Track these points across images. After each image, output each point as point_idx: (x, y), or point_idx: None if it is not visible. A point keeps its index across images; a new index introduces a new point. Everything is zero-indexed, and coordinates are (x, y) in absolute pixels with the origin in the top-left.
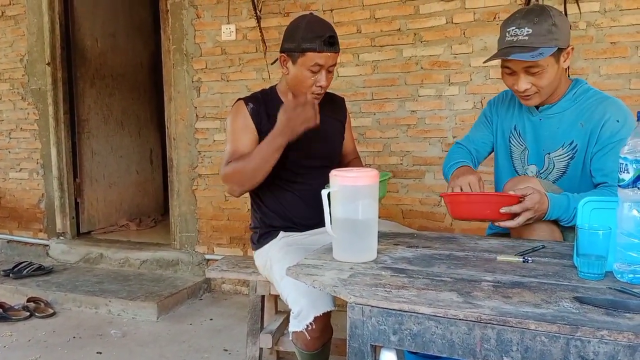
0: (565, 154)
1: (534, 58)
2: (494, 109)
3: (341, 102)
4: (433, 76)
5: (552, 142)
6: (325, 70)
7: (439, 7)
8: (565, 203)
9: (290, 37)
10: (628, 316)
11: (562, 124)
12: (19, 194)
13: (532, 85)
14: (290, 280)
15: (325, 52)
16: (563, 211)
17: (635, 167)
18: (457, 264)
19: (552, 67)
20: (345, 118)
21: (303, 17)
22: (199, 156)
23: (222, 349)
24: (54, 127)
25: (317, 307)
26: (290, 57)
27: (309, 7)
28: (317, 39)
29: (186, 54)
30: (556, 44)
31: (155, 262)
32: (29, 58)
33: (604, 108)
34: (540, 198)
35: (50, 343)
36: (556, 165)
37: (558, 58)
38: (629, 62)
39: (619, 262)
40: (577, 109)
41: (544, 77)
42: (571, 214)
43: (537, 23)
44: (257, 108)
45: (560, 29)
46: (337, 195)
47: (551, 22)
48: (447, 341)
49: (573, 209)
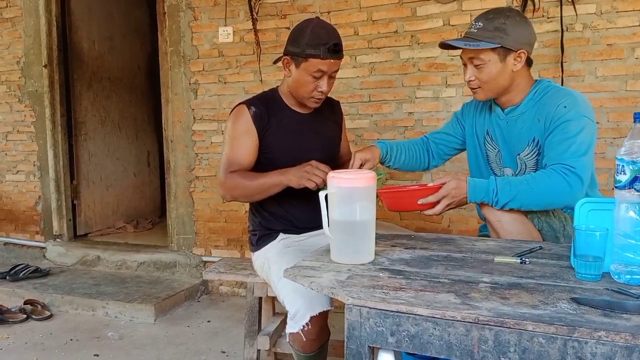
0: (531, 152)
1: (468, 46)
2: (467, 112)
3: (337, 105)
4: (430, 78)
5: (519, 143)
6: (328, 76)
7: (436, 9)
8: (485, 186)
9: (295, 41)
10: (625, 317)
11: (525, 123)
12: (15, 196)
13: (476, 78)
14: (287, 282)
15: (329, 59)
16: (484, 194)
17: (632, 169)
18: (454, 265)
19: (494, 64)
20: (341, 120)
21: (309, 21)
22: (196, 158)
23: (219, 351)
24: (51, 129)
25: (314, 307)
26: (294, 60)
27: (305, 9)
28: (322, 46)
29: (183, 56)
30: (500, 42)
31: (152, 264)
32: (26, 60)
33: (557, 98)
34: (457, 184)
35: (47, 346)
36: (527, 164)
37: (504, 57)
38: (625, 64)
39: (616, 263)
40: (535, 106)
41: (484, 71)
42: (494, 196)
43: (490, 20)
44: (259, 112)
45: (510, 30)
46: (334, 197)
47: (502, 21)
48: (445, 342)
49: (494, 191)
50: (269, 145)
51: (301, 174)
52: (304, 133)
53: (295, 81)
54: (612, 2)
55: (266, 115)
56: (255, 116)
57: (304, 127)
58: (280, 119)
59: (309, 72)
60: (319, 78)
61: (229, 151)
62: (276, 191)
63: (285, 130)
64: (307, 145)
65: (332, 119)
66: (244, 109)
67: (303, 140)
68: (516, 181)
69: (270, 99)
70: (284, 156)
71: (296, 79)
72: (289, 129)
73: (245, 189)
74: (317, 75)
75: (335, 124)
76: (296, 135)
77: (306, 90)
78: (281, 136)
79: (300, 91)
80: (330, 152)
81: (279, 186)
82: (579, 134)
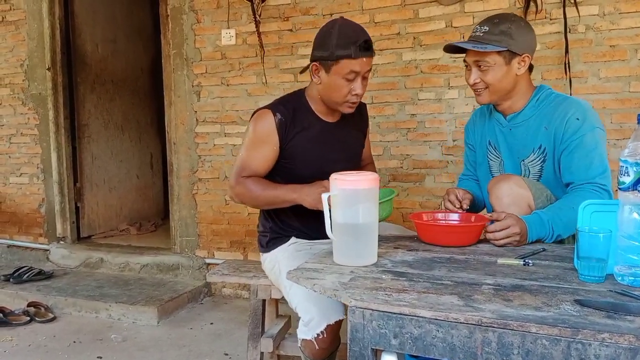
0: (536, 158)
1: (475, 48)
2: (470, 133)
3: (364, 108)
4: (433, 80)
5: (523, 149)
6: (361, 77)
7: (438, 11)
8: (537, 220)
9: (322, 44)
10: (629, 319)
11: (529, 130)
12: (19, 198)
13: (481, 81)
14: (300, 288)
15: (361, 57)
16: (540, 228)
17: (636, 170)
18: (457, 267)
19: (499, 67)
20: (367, 126)
21: (334, 22)
22: (199, 160)
23: (222, 353)
24: (54, 132)
25: (329, 316)
26: (323, 65)
27: (308, 11)
28: (352, 45)
29: (186, 59)
30: (506, 45)
31: (155, 266)
32: (30, 63)
33: (564, 108)
34: (517, 218)
35: (51, 348)
36: (531, 170)
37: (509, 61)
38: (628, 65)
39: (620, 265)
40: (540, 113)
41: (489, 74)
42: (550, 229)
43: (495, 24)
44: (284, 120)
45: (515, 35)
46: (337, 199)
47: (508, 25)
48: (448, 345)
49: (549, 222)
50: (290, 155)
51: (315, 197)
52: (329, 143)
53: (327, 87)
54: (615, 3)
55: (292, 124)
56: (280, 124)
57: (328, 137)
58: (305, 127)
59: (342, 74)
60: (352, 80)
61: (245, 155)
62: (286, 206)
63: (309, 140)
64: (331, 156)
65: (359, 127)
66: (269, 114)
67: (327, 151)
68: (557, 209)
69: (297, 105)
70: (305, 167)
71: (328, 84)
72: (313, 139)
73: (255, 198)
74: (350, 77)
75: (361, 133)
76: (320, 146)
77: (340, 95)
78: (305, 146)
79: (333, 97)
80: (354, 162)
81: (290, 203)
82: (597, 148)
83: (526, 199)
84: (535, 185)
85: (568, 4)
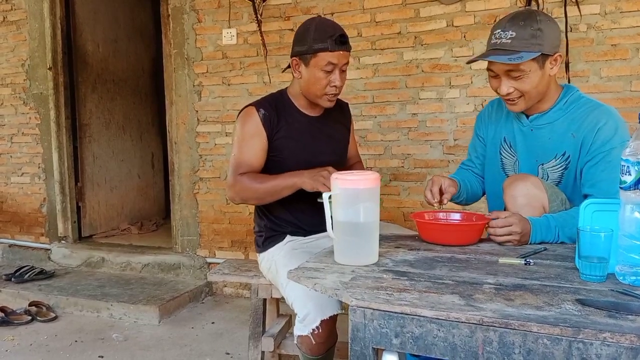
0: (558, 164)
1: (512, 61)
2: (482, 124)
3: (346, 107)
4: (434, 79)
5: (544, 153)
6: (339, 69)
7: (440, 10)
8: (545, 223)
9: (301, 40)
10: (630, 318)
11: (553, 134)
12: (20, 198)
13: (515, 90)
14: (296, 285)
15: (338, 50)
16: (545, 231)
17: (637, 169)
18: (458, 266)
19: (534, 73)
20: (350, 123)
21: (312, 20)
22: (200, 160)
23: (224, 352)
24: (56, 131)
25: (324, 311)
26: (302, 60)
27: (309, 10)
28: (328, 38)
29: (187, 58)
30: (539, 49)
31: (156, 265)
32: (31, 63)
33: (596, 117)
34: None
35: (52, 347)
36: (550, 176)
37: (543, 64)
38: (629, 64)
39: (621, 264)
40: (568, 118)
41: (526, 81)
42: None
43: (522, 27)
44: (268, 114)
45: (546, 35)
46: (338, 199)
47: (536, 27)
48: (449, 344)
49: (555, 228)
50: (278, 149)
51: (317, 178)
52: (314, 136)
53: (307, 81)
54: (616, 2)
55: (275, 118)
56: (264, 118)
57: (313, 130)
58: (289, 122)
59: (320, 66)
60: (330, 72)
61: (237, 153)
62: (288, 193)
63: (295, 133)
64: (317, 148)
65: (342, 122)
66: (253, 110)
67: (313, 143)
68: (569, 217)
69: (279, 101)
70: (294, 159)
71: (307, 78)
72: (298, 132)
73: (256, 191)
74: (328, 69)
75: (345, 127)
76: (306, 138)
77: (319, 87)
78: (291, 139)
79: (313, 89)
80: (340, 154)
81: (292, 188)
82: None
83: (541, 200)
84: (551, 188)
85: (569, 2)
